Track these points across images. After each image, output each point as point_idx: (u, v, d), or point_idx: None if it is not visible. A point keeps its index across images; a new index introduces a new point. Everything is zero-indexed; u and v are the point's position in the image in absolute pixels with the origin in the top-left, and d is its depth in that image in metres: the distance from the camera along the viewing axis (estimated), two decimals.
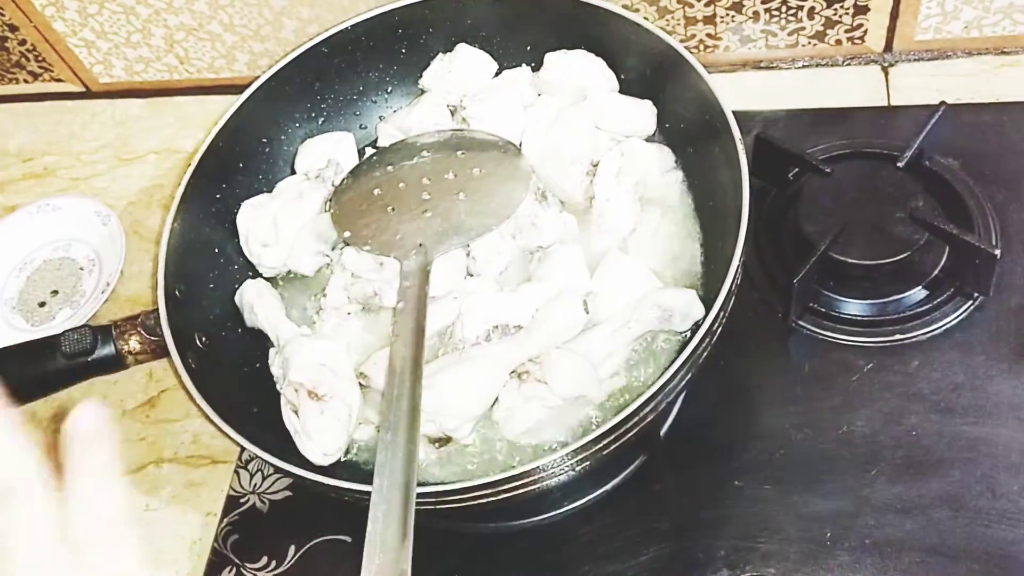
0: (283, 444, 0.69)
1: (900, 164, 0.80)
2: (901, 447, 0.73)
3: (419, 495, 0.58)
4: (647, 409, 0.60)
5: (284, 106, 0.85)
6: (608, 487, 0.76)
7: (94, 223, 1.03)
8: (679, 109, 0.77)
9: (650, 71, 0.78)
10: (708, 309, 0.63)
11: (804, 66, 0.97)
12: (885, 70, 0.94)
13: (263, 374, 0.76)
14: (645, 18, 0.90)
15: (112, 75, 1.14)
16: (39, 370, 0.75)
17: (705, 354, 0.64)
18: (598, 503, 0.76)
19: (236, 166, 0.83)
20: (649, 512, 0.75)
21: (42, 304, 1.01)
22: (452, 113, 0.84)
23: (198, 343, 0.74)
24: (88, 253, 1.03)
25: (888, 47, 0.94)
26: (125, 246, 0.99)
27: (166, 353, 0.70)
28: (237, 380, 0.76)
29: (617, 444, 0.61)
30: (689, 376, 0.63)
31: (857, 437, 0.74)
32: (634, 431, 0.62)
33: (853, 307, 0.80)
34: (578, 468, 0.62)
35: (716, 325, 0.63)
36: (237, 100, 0.82)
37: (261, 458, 0.64)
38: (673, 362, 0.60)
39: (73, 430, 0.37)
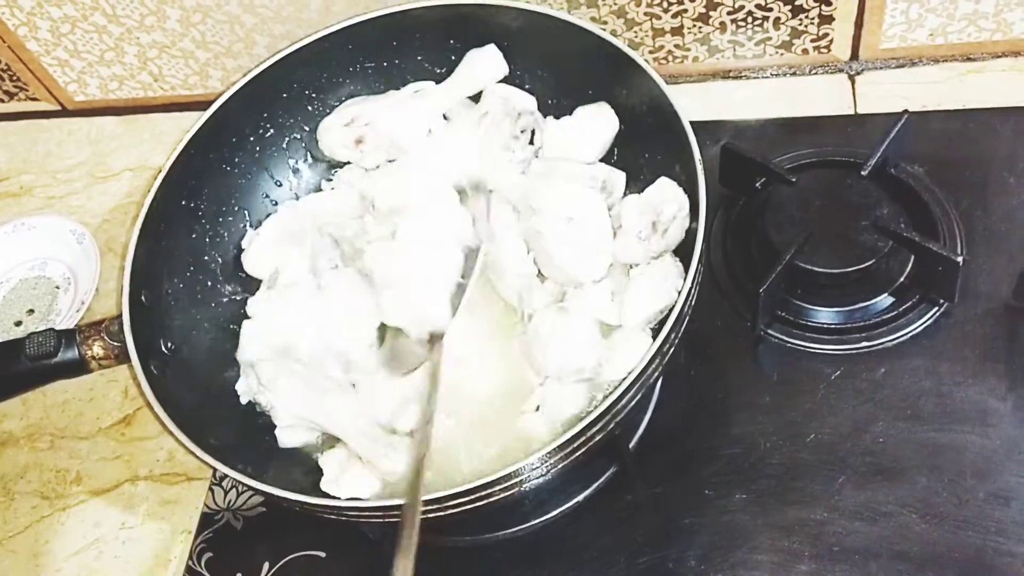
0: (252, 456, 0.70)
1: (864, 172, 0.81)
2: (868, 454, 0.74)
3: (390, 508, 0.62)
4: (607, 418, 0.61)
5: (252, 118, 0.85)
6: (579, 499, 0.76)
7: (69, 242, 1.03)
8: (640, 120, 0.77)
9: (621, 88, 0.78)
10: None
11: (772, 75, 0.97)
12: (852, 79, 0.95)
13: (233, 383, 0.77)
14: (613, 32, 0.92)
15: (87, 93, 1.14)
16: (4, 371, 0.76)
17: (657, 374, 0.65)
18: (570, 515, 0.76)
19: (206, 173, 0.83)
20: (620, 523, 0.75)
21: (18, 323, 1.01)
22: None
23: (163, 349, 0.74)
24: (64, 271, 1.03)
25: (854, 56, 0.94)
26: (100, 264, 0.99)
27: (129, 358, 0.71)
28: (206, 389, 0.76)
29: (584, 449, 0.62)
30: (638, 396, 0.64)
31: (825, 444, 0.75)
32: (598, 437, 0.63)
33: (820, 315, 0.80)
34: (550, 473, 0.62)
35: (674, 335, 0.63)
36: (208, 110, 0.82)
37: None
38: (622, 382, 0.61)
39: None
